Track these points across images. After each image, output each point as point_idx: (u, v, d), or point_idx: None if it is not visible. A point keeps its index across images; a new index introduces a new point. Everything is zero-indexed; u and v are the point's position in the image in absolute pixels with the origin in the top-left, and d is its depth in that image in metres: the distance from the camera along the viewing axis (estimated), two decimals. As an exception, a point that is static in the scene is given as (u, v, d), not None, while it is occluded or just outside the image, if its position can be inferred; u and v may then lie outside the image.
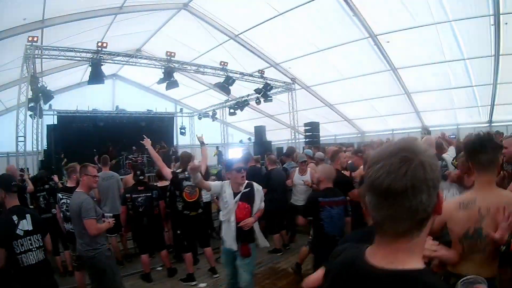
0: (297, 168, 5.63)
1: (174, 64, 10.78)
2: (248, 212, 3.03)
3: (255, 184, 3.20)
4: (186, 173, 4.20)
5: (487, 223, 1.63)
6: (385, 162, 0.71)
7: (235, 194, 3.06)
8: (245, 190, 3.08)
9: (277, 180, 5.51)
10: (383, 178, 0.70)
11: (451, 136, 14.32)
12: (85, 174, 3.25)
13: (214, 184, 3.27)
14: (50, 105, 11.85)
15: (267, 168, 5.94)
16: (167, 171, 4.43)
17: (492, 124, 14.38)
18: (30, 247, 2.65)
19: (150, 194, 4.59)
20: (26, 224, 2.65)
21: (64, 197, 4.11)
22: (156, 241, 4.67)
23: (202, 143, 4.42)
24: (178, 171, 4.49)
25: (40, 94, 9.16)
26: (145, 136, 4.35)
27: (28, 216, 2.70)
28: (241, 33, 11.49)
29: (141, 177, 4.67)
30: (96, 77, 9.32)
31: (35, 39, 8.37)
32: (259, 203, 3.15)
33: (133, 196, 4.51)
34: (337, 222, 3.28)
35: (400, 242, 0.73)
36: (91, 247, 3.11)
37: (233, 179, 3.09)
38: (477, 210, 1.65)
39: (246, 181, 3.15)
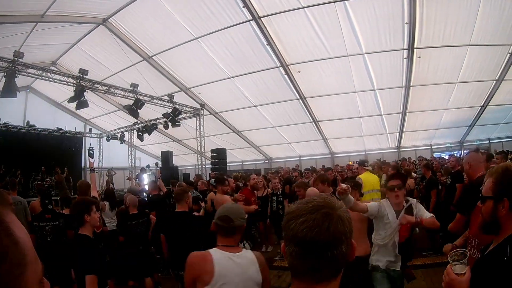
0: None
1: (86, 82, 10.23)
2: (409, 228, 2.91)
3: (410, 199, 3.02)
4: None
5: None
6: (308, 217, 0.76)
7: (397, 213, 2.85)
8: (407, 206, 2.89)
9: None
10: (306, 231, 0.75)
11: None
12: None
13: (370, 205, 2.98)
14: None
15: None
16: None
17: (401, 150, 15.81)
18: None
19: (57, 223, 4.29)
20: None
21: None
22: (66, 273, 4.26)
23: (92, 170, 4.56)
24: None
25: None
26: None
27: None
28: (155, 54, 11.29)
29: (49, 206, 4.43)
30: (9, 90, 8.65)
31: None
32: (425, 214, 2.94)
33: (41, 224, 4.24)
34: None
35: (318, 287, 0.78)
36: None
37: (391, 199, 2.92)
38: None
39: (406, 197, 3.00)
